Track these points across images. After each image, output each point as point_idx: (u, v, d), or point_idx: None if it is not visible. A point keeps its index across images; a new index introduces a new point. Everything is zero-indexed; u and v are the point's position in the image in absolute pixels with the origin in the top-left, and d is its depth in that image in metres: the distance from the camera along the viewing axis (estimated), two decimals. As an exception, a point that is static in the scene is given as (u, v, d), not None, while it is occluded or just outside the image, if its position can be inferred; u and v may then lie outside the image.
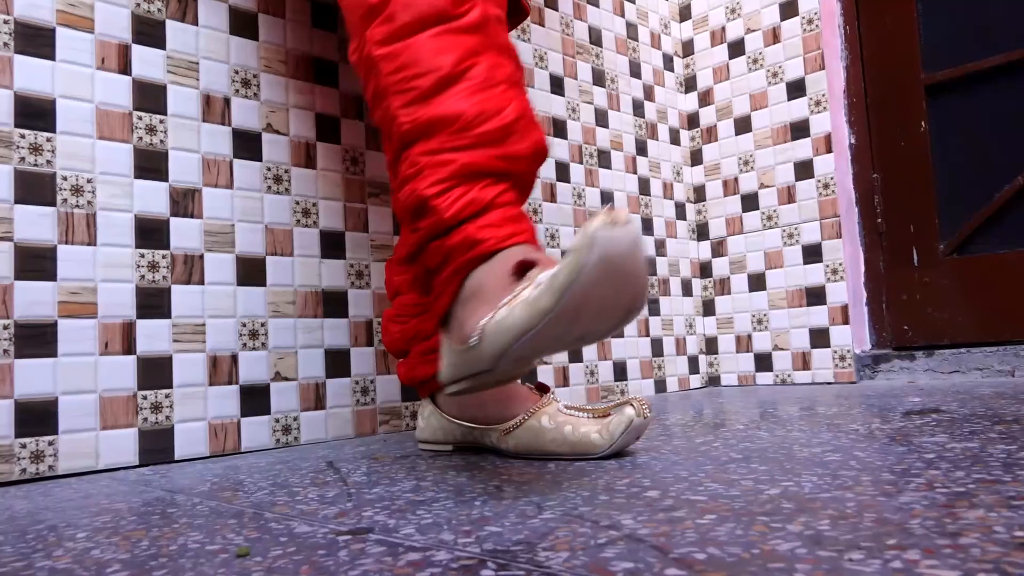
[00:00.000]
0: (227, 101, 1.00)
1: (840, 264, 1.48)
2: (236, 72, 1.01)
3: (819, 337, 1.51)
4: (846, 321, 1.47)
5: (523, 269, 0.62)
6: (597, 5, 1.56)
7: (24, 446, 0.81)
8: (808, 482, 0.55)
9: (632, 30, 1.64)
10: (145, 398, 0.89)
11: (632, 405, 0.71)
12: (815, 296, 1.52)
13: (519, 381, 0.82)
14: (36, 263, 0.84)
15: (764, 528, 0.43)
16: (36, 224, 0.84)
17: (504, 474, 0.68)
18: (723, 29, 1.69)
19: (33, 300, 0.83)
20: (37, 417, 0.82)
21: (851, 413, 0.97)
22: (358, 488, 0.65)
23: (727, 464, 0.65)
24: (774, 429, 0.86)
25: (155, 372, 0.91)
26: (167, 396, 0.91)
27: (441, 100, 0.67)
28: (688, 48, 1.75)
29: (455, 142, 0.66)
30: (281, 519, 0.54)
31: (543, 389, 0.82)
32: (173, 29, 0.96)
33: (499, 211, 0.66)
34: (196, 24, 0.98)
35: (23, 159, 0.84)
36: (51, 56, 0.87)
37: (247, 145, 1.01)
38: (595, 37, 1.54)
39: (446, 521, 0.50)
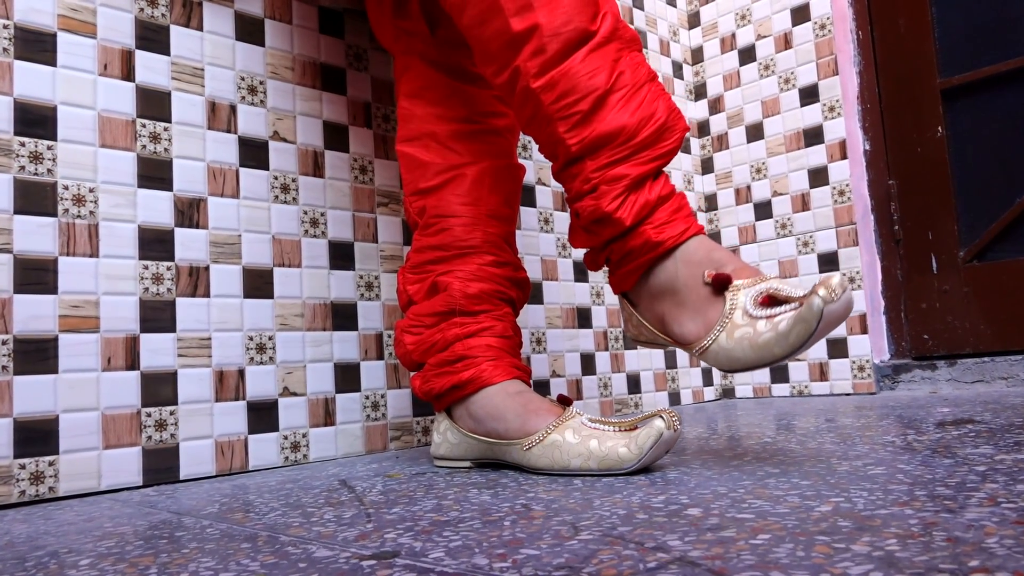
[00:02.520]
0: (233, 108, 0.97)
1: (857, 272, 1.45)
2: (242, 79, 0.98)
3: (837, 347, 1.47)
4: (864, 331, 1.44)
5: (719, 282, 0.70)
6: (606, 12, 1.54)
7: (23, 467, 0.78)
8: (859, 498, 0.51)
9: (641, 37, 1.62)
10: (149, 415, 0.86)
11: (661, 417, 0.68)
12: (832, 305, 1.48)
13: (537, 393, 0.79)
14: (36, 275, 0.80)
15: (827, 549, 0.39)
16: (36, 235, 0.81)
17: (529, 491, 0.65)
18: (733, 36, 1.66)
19: (33, 314, 0.80)
20: (37, 436, 0.79)
21: (880, 424, 0.93)
22: (376, 508, 0.62)
23: (765, 479, 0.62)
24: (804, 441, 0.83)
25: (159, 388, 0.87)
26: (172, 413, 0.88)
27: (602, 117, 0.73)
28: (697, 55, 1.73)
29: (621, 153, 0.73)
30: (298, 542, 0.51)
31: (565, 402, 0.78)
32: (178, 34, 0.93)
33: (665, 206, 0.74)
34: (201, 30, 0.96)
35: (23, 168, 0.81)
36: (52, 62, 0.84)
37: (254, 153, 0.98)
38: (604, 44, 1.52)
39: (476, 544, 0.47)
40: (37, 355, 0.80)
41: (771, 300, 0.67)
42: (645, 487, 0.62)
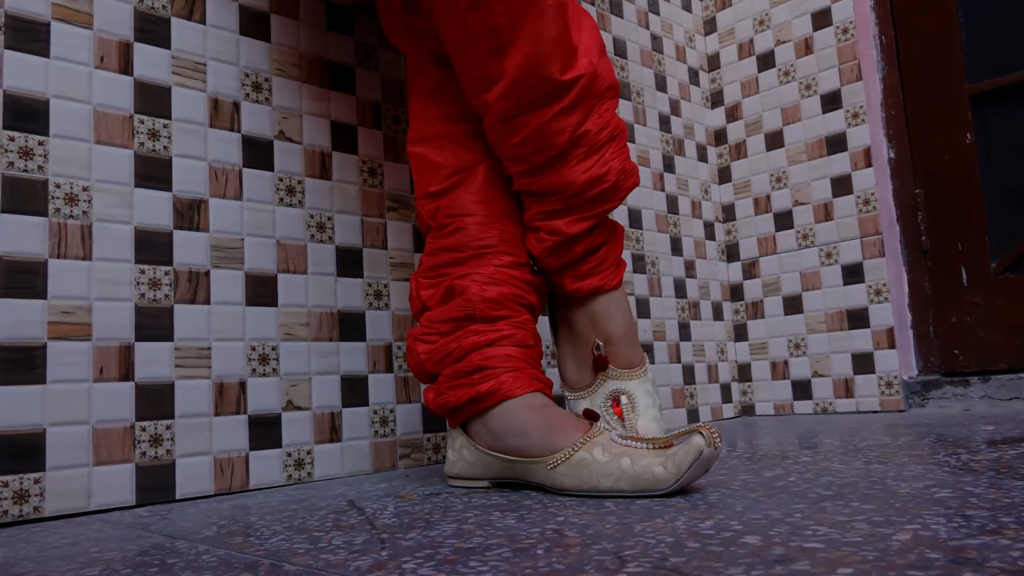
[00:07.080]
0: (236, 106, 0.92)
1: (884, 284, 1.39)
2: (246, 75, 0.94)
3: (862, 362, 1.41)
4: (892, 345, 1.38)
5: (597, 362, 0.82)
6: (621, 16, 1.50)
7: (6, 484, 0.72)
8: (938, 525, 0.46)
9: (657, 43, 1.57)
10: (144, 430, 0.80)
11: (701, 433, 0.62)
12: (857, 319, 1.42)
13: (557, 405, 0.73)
14: (24, 279, 0.75)
15: (928, 588, 0.33)
16: (25, 235, 0.76)
17: (558, 515, 0.59)
18: (751, 41, 1.62)
19: (20, 320, 0.74)
20: (22, 452, 0.73)
21: (923, 443, 0.87)
22: (390, 532, 0.56)
23: (820, 502, 0.56)
24: (849, 460, 0.77)
25: (155, 401, 0.81)
26: (168, 428, 0.82)
27: (554, 171, 0.76)
28: (714, 62, 1.68)
29: (563, 205, 0.78)
30: (304, 572, 0.45)
31: (592, 417, 0.72)
32: (179, 27, 0.89)
33: (591, 258, 0.81)
34: (204, 23, 0.91)
35: (12, 164, 0.75)
36: (45, 53, 0.79)
37: (258, 153, 0.93)
38: (620, 49, 1.48)
39: (509, 576, 0.41)
40: (23, 364, 0.74)
41: (618, 407, 0.79)
42: (687, 511, 0.56)
